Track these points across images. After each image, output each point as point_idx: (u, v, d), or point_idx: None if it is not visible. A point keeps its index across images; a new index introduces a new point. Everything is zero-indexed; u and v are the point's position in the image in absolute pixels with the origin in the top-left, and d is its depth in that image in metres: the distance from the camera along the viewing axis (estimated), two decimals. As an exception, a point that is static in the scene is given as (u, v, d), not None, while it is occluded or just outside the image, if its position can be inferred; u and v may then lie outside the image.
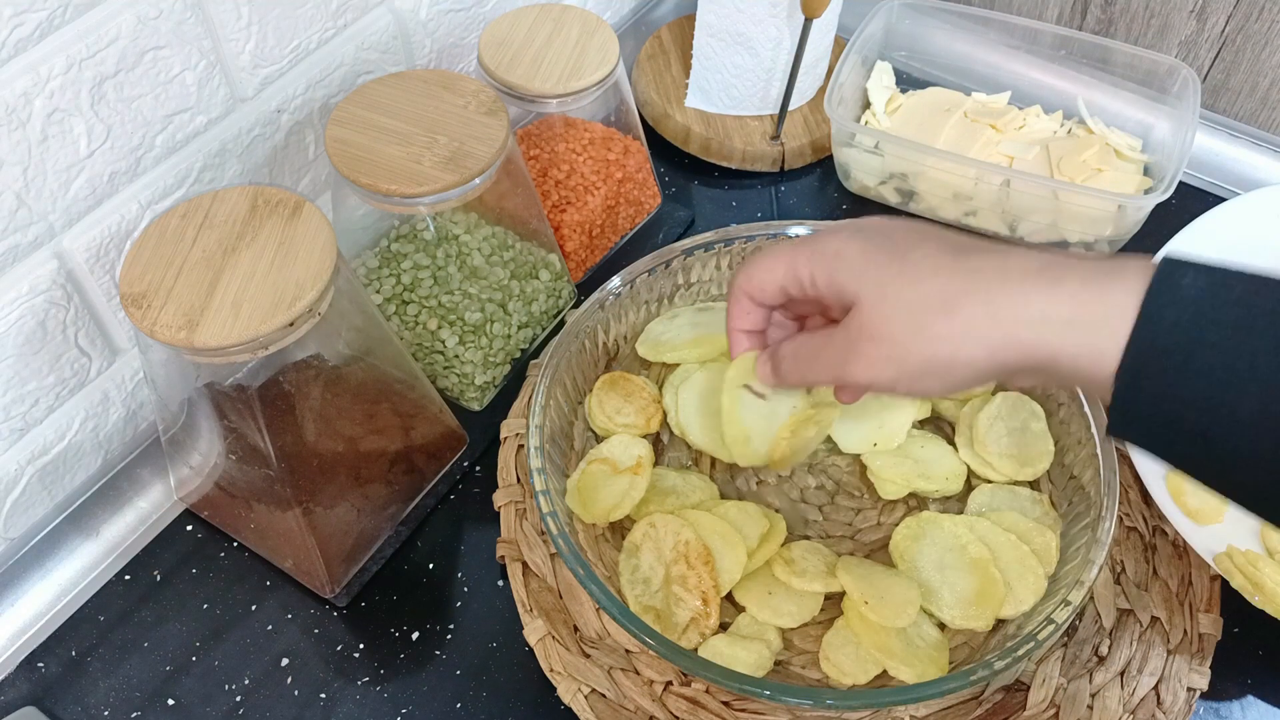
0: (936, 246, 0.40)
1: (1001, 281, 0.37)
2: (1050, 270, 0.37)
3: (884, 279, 0.39)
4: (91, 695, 0.54)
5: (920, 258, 0.39)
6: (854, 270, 0.40)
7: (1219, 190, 0.78)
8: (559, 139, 0.70)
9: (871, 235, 0.41)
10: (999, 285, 0.37)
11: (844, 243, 0.41)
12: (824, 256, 0.42)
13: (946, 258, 0.39)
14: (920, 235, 0.41)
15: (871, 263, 0.40)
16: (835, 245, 0.42)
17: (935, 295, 0.38)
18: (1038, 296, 0.37)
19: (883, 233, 0.41)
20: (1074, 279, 0.36)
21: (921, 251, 0.39)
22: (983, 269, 0.38)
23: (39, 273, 0.53)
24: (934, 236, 0.41)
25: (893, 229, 0.41)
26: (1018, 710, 0.51)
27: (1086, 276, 0.36)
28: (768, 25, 0.75)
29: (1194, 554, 0.56)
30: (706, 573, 0.52)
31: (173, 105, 0.55)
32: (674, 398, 0.61)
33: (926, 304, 0.38)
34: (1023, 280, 0.37)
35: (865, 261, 0.40)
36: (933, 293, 0.38)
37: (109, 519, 0.60)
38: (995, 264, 0.38)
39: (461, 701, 0.54)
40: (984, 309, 0.37)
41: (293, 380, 0.52)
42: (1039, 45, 0.79)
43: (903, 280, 0.39)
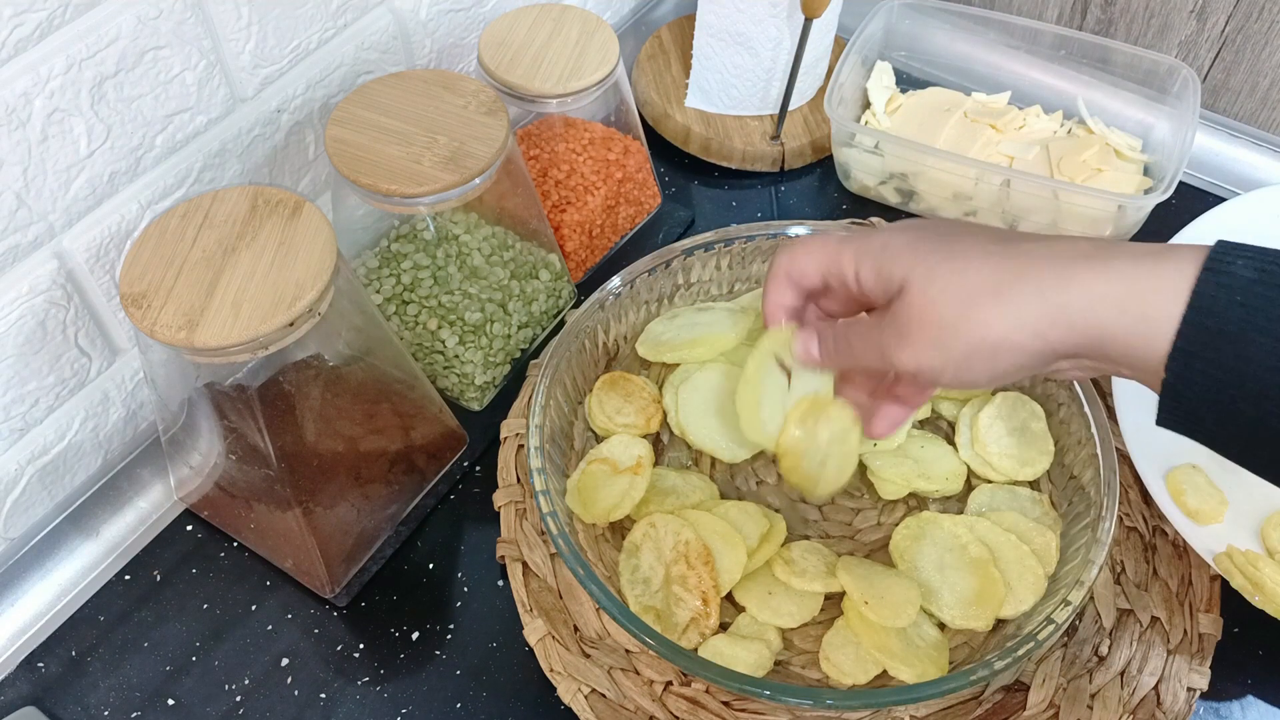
0: (984, 235, 0.40)
1: (1051, 263, 0.37)
2: (1101, 253, 0.37)
3: (932, 264, 0.39)
4: (91, 695, 0.54)
5: (968, 245, 0.39)
6: (901, 259, 0.40)
7: (1219, 190, 0.78)
8: (559, 139, 0.70)
9: (918, 228, 0.42)
10: (1049, 267, 0.37)
11: (890, 235, 0.42)
12: (869, 249, 0.42)
13: (995, 245, 0.39)
14: (966, 227, 0.41)
15: (919, 251, 0.40)
16: (881, 238, 0.42)
17: (984, 279, 0.38)
18: (1089, 276, 0.36)
19: (928, 226, 0.42)
20: (1124, 260, 0.36)
21: (969, 240, 0.39)
22: (1032, 253, 0.38)
23: (39, 273, 0.53)
24: (980, 228, 0.41)
25: (938, 223, 0.42)
26: (1018, 710, 0.51)
27: (1138, 257, 0.36)
28: (768, 25, 0.75)
29: (1194, 554, 0.56)
30: (706, 573, 0.52)
31: (173, 105, 0.55)
32: (674, 398, 0.61)
33: (975, 288, 0.38)
34: (1072, 262, 0.37)
35: (912, 251, 0.40)
36: (981, 277, 0.38)
37: (109, 519, 0.60)
38: (1044, 249, 0.38)
39: (461, 701, 0.54)
40: (1033, 290, 0.37)
41: (293, 380, 0.52)
42: (1039, 45, 0.79)
43: (950, 266, 0.39)
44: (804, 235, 0.45)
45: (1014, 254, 0.38)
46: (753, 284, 0.67)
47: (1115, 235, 0.71)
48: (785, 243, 0.46)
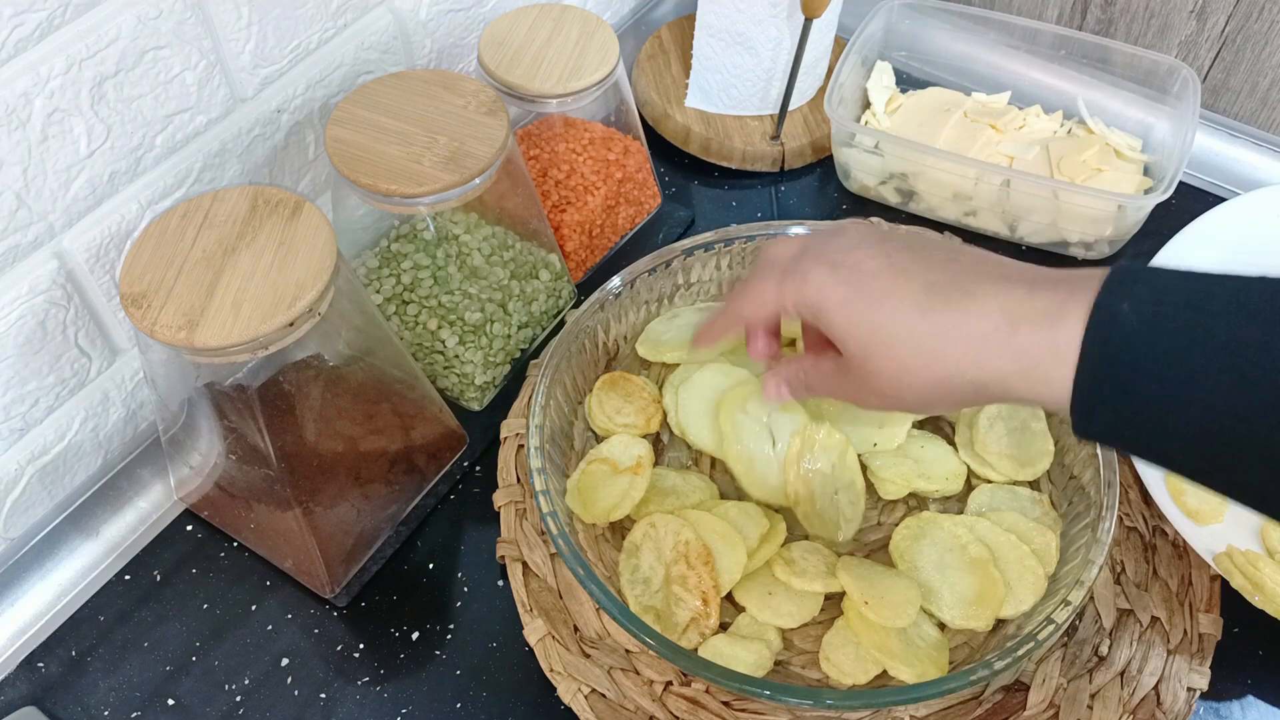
0: (909, 295, 0.42)
1: (965, 343, 0.41)
2: (1008, 323, 0.40)
3: (865, 336, 0.43)
4: (91, 695, 0.54)
5: (894, 311, 0.42)
6: (836, 324, 0.44)
7: (1219, 190, 0.78)
8: (559, 139, 0.70)
9: (849, 282, 0.44)
10: (962, 348, 0.41)
11: (823, 288, 0.44)
12: (806, 301, 0.45)
13: (916, 314, 0.42)
14: (894, 277, 0.43)
15: (852, 319, 0.44)
16: (815, 289, 0.45)
17: (910, 356, 0.42)
18: (996, 356, 0.40)
19: (861, 272, 0.44)
20: (1027, 331, 0.39)
21: (895, 303, 0.42)
22: (947, 330, 0.41)
23: (39, 273, 0.53)
24: (910, 274, 0.43)
25: (871, 267, 0.44)
26: (1018, 710, 0.51)
27: (1038, 322, 0.39)
28: (768, 25, 0.75)
29: (1194, 554, 0.56)
30: (706, 573, 0.52)
31: (173, 105, 0.55)
32: (674, 398, 0.61)
33: (904, 364, 0.43)
34: (984, 339, 0.40)
35: (846, 314, 0.44)
36: (907, 351, 0.42)
37: (109, 519, 0.60)
38: (957, 320, 0.41)
39: (461, 701, 0.54)
40: (953, 368, 0.41)
41: (293, 380, 0.52)
42: (1039, 45, 0.79)
43: (881, 340, 0.43)
44: (741, 282, 0.49)
45: (934, 327, 0.42)
46: (753, 284, 0.67)
47: (1115, 235, 0.71)
48: (737, 287, 0.50)
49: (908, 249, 0.44)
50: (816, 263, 0.45)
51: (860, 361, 0.44)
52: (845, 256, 0.44)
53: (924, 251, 0.44)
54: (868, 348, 0.43)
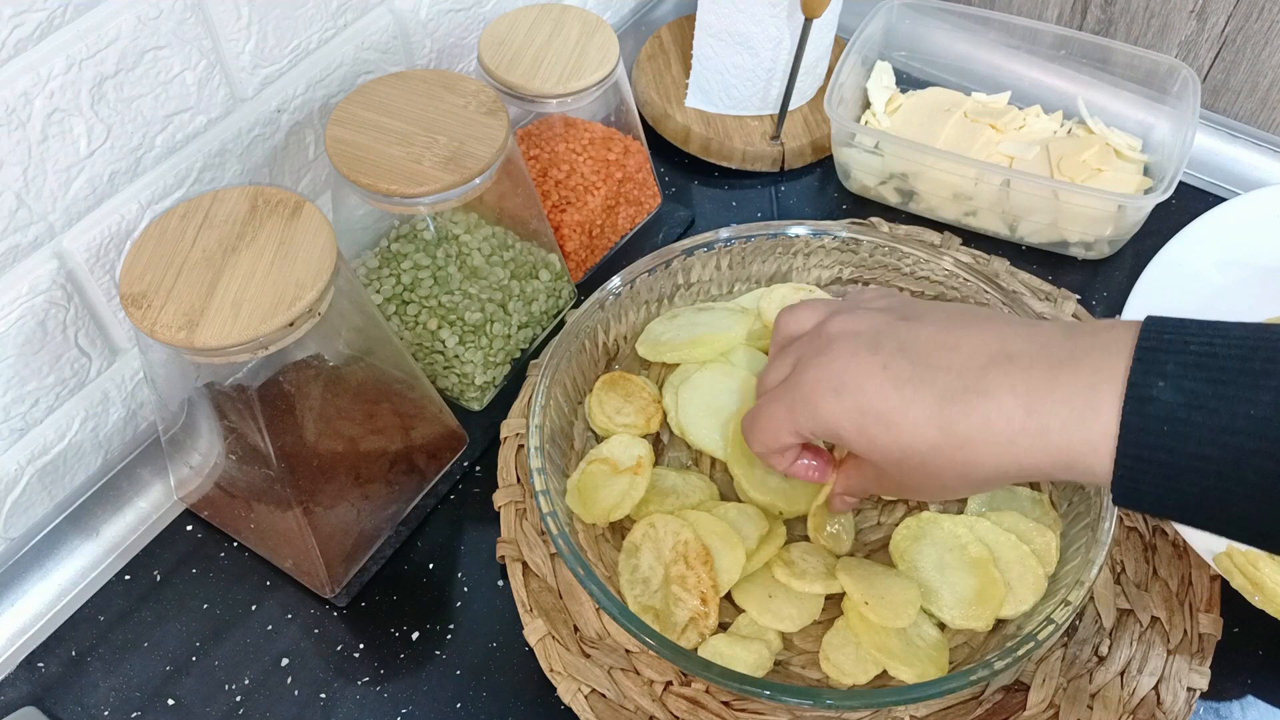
0: (923, 408, 0.42)
1: (993, 448, 0.40)
2: (1035, 421, 0.39)
3: (893, 459, 0.43)
4: (91, 695, 0.54)
5: (913, 432, 0.42)
6: (860, 449, 0.44)
7: (1219, 190, 0.78)
8: (559, 139, 0.70)
9: (858, 402, 0.43)
10: (990, 451, 0.40)
11: (835, 419, 0.44)
12: (824, 431, 0.45)
13: (935, 433, 0.41)
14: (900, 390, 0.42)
15: (874, 443, 0.43)
16: (828, 420, 0.44)
17: (941, 464, 0.42)
18: (1026, 453, 0.40)
19: (867, 395, 0.43)
20: (1057, 426, 0.38)
21: (911, 424, 0.42)
22: (970, 440, 0.41)
23: (39, 273, 0.53)
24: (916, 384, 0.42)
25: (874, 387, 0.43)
26: (1018, 710, 0.51)
27: (1067, 417, 0.38)
28: (768, 25, 0.75)
29: (1194, 554, 0.56)
30: (705, 573, 0.52)
31: (173, 105, 0.55)
32: (674, 398, 0.61)
33: (938, 471, 0.42)
34: (1012, 443, 0.40)
35: (868, 441, 0.43)
36: (938, 463, 0.42)
37: (109, 519, 0.60)
38: (980, 430, 0.40)
39: (461, 701, 0.54)
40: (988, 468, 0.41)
41: (293, 380, 0.52)
42: (1039, 45, 0.79)
43: (909, 460, 0.43)
44: (748, 418, 0.50)
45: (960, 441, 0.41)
46: (753, 284, 0.67)
47: (1115, 235, 0.71)
48: (744, 423, 0.50)
49: (902, 351, 0.43)
50: (818, 391, 0.44)
51: (898, 476, 0.44)
52: (844, 377, 0.44)
53: (918, 352, 0.43)
54: (901, 468, 0.43)
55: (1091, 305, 0.70)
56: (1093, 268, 0.73)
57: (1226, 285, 0.68)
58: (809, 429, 0.45)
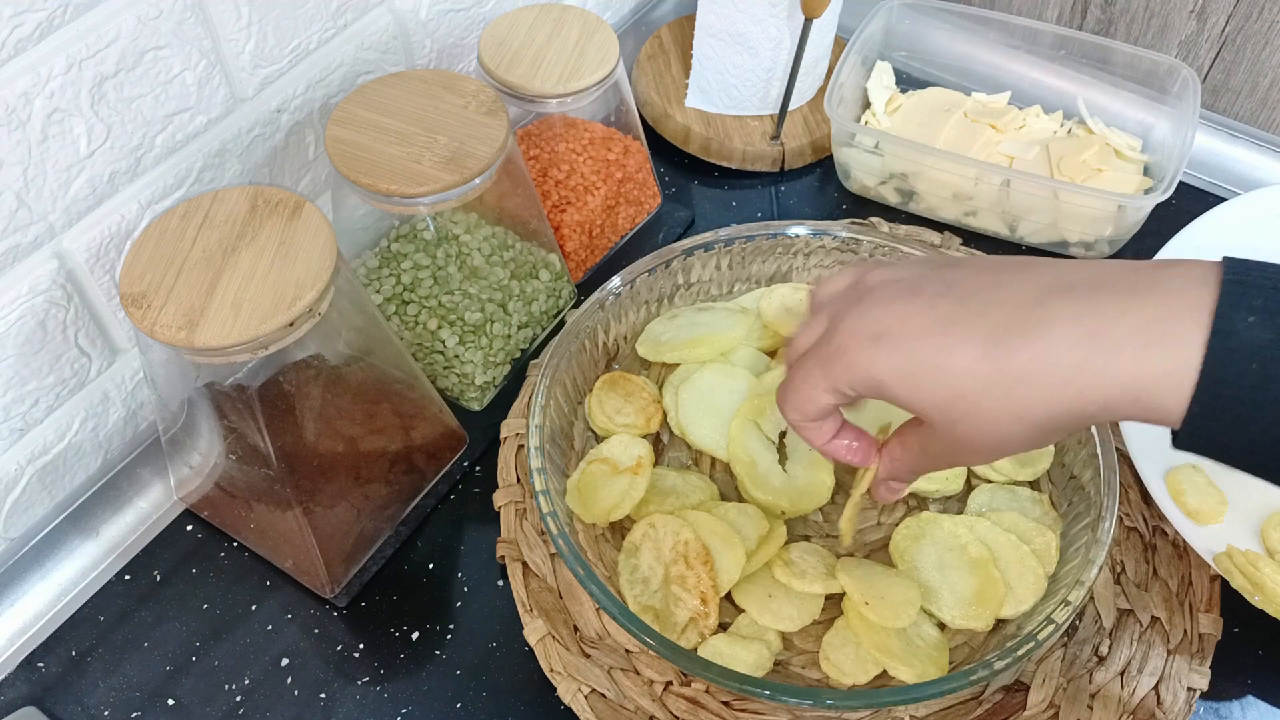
0: (974, 344, 0.38)
1: (1055, 378, 0.37)
2: (1103, 348, 0.36)
3: (942, 403, 0.39)
4: (91, 695, 0.54)
5: (965, 369, 0.38)
6: (904, 397, 0.40)
7: (1219, 190, 0.78)
8: (559, 139, 0.70)
9: (900, 344, 0.39)
10: (1052, 382, 0.37)
11: (874, 366, 0.40)
12: (862, 383, 0.41)
13: (989, 366, 0.38)
14: (947, 328, 0.39)
15: (919, 387, 0.39)
16: (866, 369, 0.40)
17: (997, 403, 0.38)
18: (1092, 384, 0.36)
19: (909, 336, 0.39)
20: (1130, 353, 0.35)
21: (961, 361, 0.38)
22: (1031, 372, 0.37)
23: (39, 273, 0.53)
24: (965, 322, 0.39)
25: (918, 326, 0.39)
26: (1018, 710, 0.51)
27: (1142, 344, 0.35)
28: (768, 25, 0.75)
29: (1194, 554, 0.56)
30: (705, 573, 0.52)
31: (173, 105, 0.55)
32: (674, 398, 0.61)
33: (994, 411, 0.38)
34: (1078, 371, 0.36)
35: (912, 386, 0.39)
36: (994, 402, 0.38)
37: (109, 519, 0.60)
38: (1040, 359, 0.37)
39: (461, 701, 0.54)
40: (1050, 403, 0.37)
41: (293, 380, 0.52)
42: (1039, 45, 0.79)
43: (962, 402, 0.39)
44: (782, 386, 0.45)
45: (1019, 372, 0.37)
46: (753, 284, 0.67)
47: (1115, 235, 0.71)
48: (779, 391, 0.45)
49: (947, 294, 0.39)
50: (855, 340, 0.40)
51: (948, 428, 0.40)
52: (883, 323, 0.40)
53: (965, 290, 0.39)
54: (951, 414, 0.39)
55: (1091, 305, 0.70)
56: (1093, 268, 0.73)
57: (1226, 285, 0.67)
58: (846, 384, 0.41)
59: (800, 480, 0.58)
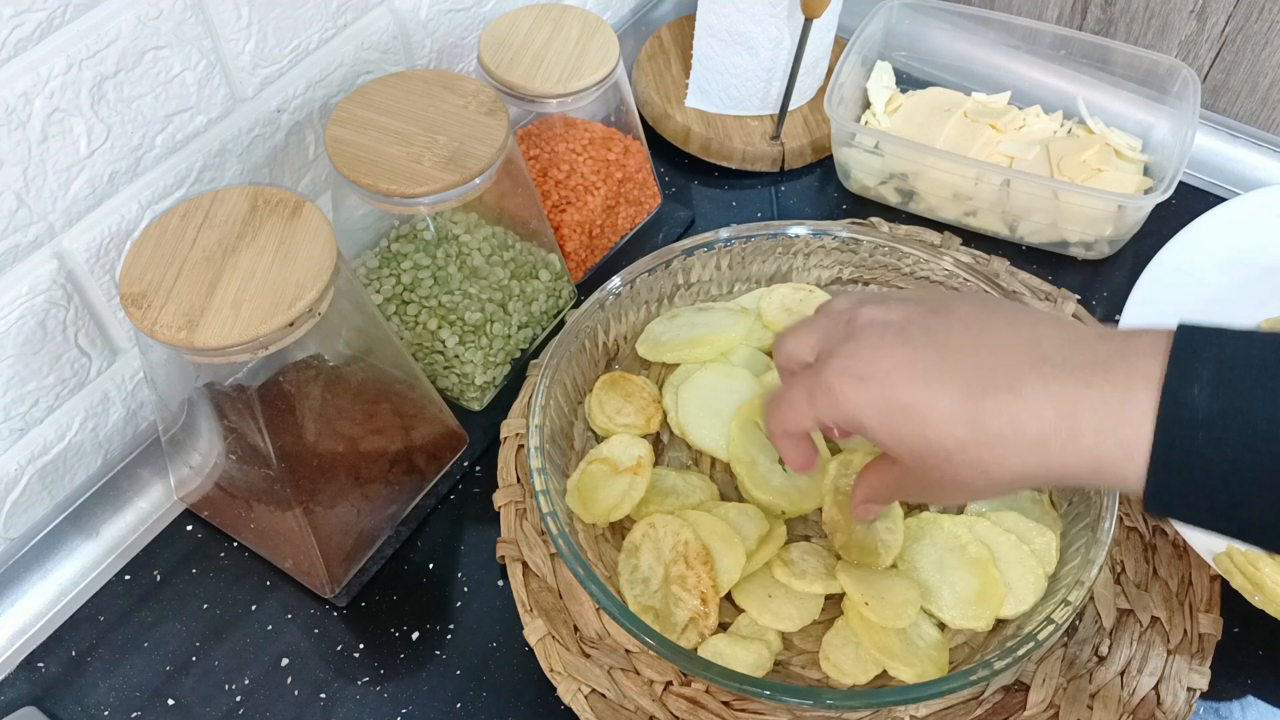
0: (950, 400, 0.40)
1: (1020, 447, 0.39)
2: (1067, 423, 0.38)
3: (916, 452, 0.42)
4: (91, 695, 0.54)
5: (939, 423, 0.40)
6: (883, 440, 0.43)
7: (1219, 190, 0.78)
8: (559, 139, 0.70)
9: (882, 390, 0.42)
10: (1017, 451, 0.39)
11: (858, 407, 0.42)
12: (844, 420, 0.43)
13: (961, 427, 0.40)
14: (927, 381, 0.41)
15: (897, 434, 0.42)
16: (851, 408, 0.43)
17: (965, 460, 0.40)
18: (1056, 456, 0.38)
19: (892, 384, 0.41)
20: (1091, 430, 0.37)
21: (937, 415, 0.40)
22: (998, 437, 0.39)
23: (39, 273, 0.53)
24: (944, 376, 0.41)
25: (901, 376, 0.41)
26: (1018, 710, 0.51)
27: (1101, 422, 0.37)
28: (768, 25, 0.75)
29: (1194, 554, 0.56)
30: (705, 573, 0.52)
31: (173, 105, 0.55)
32: (674, 398, 0.61)
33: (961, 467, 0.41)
34: (1043, 445, 0.39)
35: (890, 431, 0.42)
36: (962, 459, 0.41)
37: (109, 519, 0.60)
38: (1008, 427, 0.39)
39: (461, 701, 0.54)
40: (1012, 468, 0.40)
41: (293, 380, 0.52)
42: (1039, 45, 0.79)
43: (933, 454, 0.41)
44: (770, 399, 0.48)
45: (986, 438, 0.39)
46: (753, 284, 0.67)
47: (1115, 235, 0.71)
48: (766, 404, 0.48)
49: (932, 344, 0.42)
50: (842, 378, 0.43)
51: (921, 473, 0.42)
52: (871, 366, 0.42)
53: (948, 344, 0.42)
54: (925, 462, 0.41)
55: (1091, 305, 0.70)
56: (1093, 268, 0.73)
57: (1226, 285, 0.67)
58: (830, 417, 0.44)
59: (800, 480, 0.58)
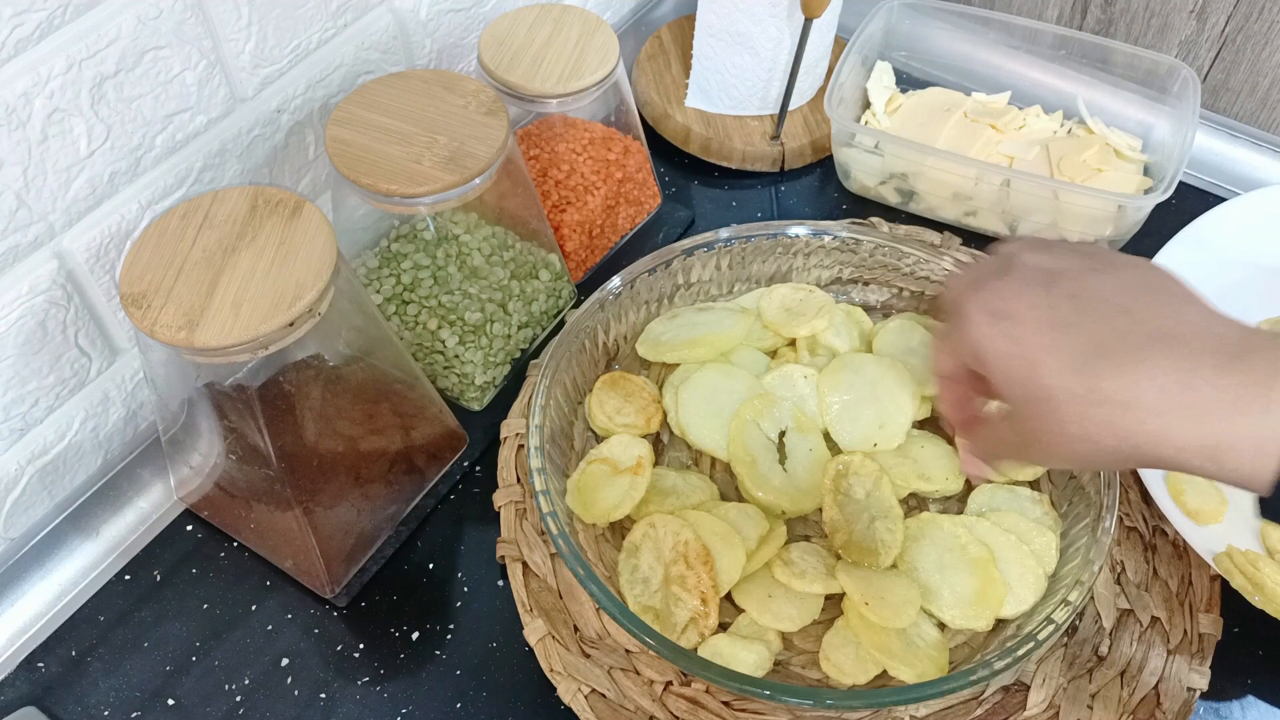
0: (1071, 353, 0.40)
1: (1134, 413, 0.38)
2: (1190, 401, 0.37)
3: (1026, 395, 0.42)
4: (91, 695, 0.54)
5: (1055, 371, 0.40)
6: (996, 377, 0.43)
7: (1219, 190, 0.78)
8: (559, 139, 0.70)
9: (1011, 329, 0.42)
10: (1130, 416, 0.38)
11: (983, 340, 0.43)
12: (968, 350, 0.44)
13: (1075, 379, 0.39)
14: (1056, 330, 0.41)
15: (1012, 374, 0.42)
16: (975, 340, 0.43)
17: (1073, 414, 0.40)
18: (1172, 431, 0.38)
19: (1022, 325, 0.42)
20: (1217, 414, 0.37)
21: (1055, 364, 0.40)
22: (1111, 397, 0.39)
23: (39, 273, 0.53)
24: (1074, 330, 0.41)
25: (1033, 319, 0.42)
26: (1018, 710, 0.51)
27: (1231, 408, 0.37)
28: (768, 25, 0.75)
29: (1194, 554, 0.56)
30: (705, 573, 0.52)
31: (173, 105, 0.55)
32: (674, 398, 0.61)
33: (1068, 422, 0.40)
34: (1157, 415, 0.38)
35: (1006, 370, 0.42)
36: (1070, 412, 0.40)
37: (109, 519, 0.60)
38: (1126, 390, 0.38)
39: (461, 701, 0.54)
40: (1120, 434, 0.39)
41: (293, 380, 0.52)
42: (1039, 45, 0.79)
43: (1043, 402, 0.41)
44: (940, 333, 0.50)
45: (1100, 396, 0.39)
46: (753, 284, 0.67)
47: (1115, 235, 0.71)
48: (937, 334, 0.50)
49: (1075, 297, 0.41)
50: (978, 311, 0.43)
51: (1025, 420, 0.42)
52: (1008, 304, 0.42)
53: (1091, 301, 0.41)
54: (1031, 408, 0.41)
55: (1091, 305, 0.70)
56: (1093, 268, 0.73)
57: (1226, 285, 0.67)
58: (960, 348, 0.45)
59: (800, 480, 0.58)
